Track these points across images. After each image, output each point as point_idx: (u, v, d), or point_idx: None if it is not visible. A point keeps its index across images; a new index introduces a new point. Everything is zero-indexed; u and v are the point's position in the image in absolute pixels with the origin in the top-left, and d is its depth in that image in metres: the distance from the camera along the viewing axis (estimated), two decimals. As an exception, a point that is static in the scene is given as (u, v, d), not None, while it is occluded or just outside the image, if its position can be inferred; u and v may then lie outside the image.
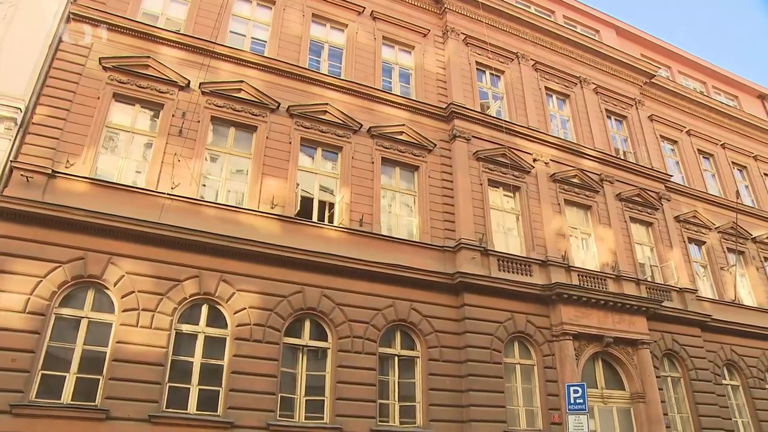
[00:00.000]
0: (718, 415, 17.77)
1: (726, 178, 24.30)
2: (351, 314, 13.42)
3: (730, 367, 19.75)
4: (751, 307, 21.36)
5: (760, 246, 23.24)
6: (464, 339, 14.27)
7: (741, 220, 22.90)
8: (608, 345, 16.19)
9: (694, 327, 18.66)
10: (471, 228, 15.52)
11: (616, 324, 16.38)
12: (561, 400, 14.20)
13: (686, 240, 21.02)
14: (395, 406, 13.48)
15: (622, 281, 17.40)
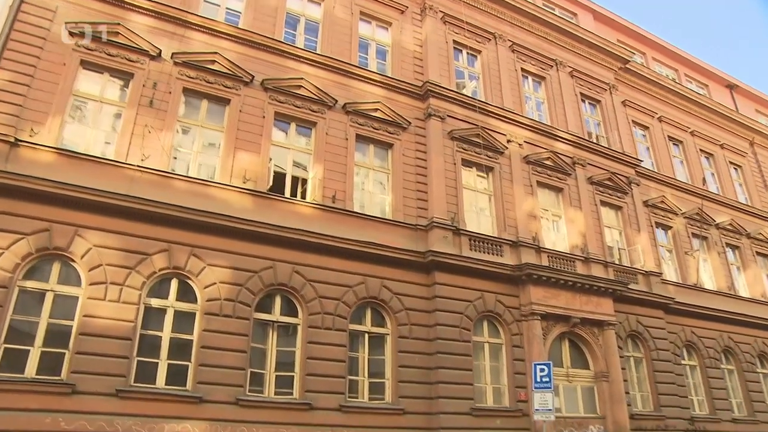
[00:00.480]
0: (676, 393, 18.39)
1: (693, 165, 24.78)
2: (322, 290, 13.43)
3: (690, 348, 20.37)
4: (712, 290, 21.99)
5: (723, 232, 23.85)
6: (434, 317, 14.41)
7: (706, 207, 23.46)
8: (575, 325, 16.52)
9: (658, 309, 19.16)
10: (443, 207, 15.58)
11: (584, 305, 16.71)
12: (527, 378, 14.49)
13: (653, 224, 21.45)
14: (365, 382, 13.60)
15: (591, 263, 17.71)
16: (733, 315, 21.65)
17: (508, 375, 15.17)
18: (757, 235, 25.12)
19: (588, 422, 16.25)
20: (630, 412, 16.68)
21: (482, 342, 15.31)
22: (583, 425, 16.12)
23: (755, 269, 24.54)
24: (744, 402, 20.96)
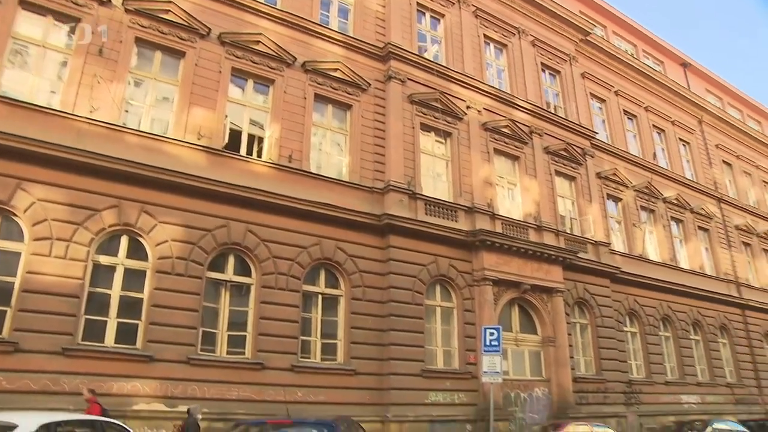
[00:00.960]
0: (617, 358, 19.22)
1: (645, 140, 25.41)
2: (276, 251, 13.35)
3: (632, 315, 21.25)
4: (655, 262, 22.87)
5: (669, 206, 24.70)
6: (388, 280, 14.54)
7: (655, 181, 24.22)
8: (525, 291, 16.95)
9: (605, 278, 19.82)
10: (400, 171, 15.58)
11: (535, 272, 17.12)
12: (477, 342, 14.83)
13: (605, 196, 22.02)
14: (317, 343, 13.70)
15: (543, 231, 18.10)
16: (673, 285, 22.64)
17: (459, 338, 15.52)
18: (699, 210, 26.14)
19: (534, 384, 16.84)
20: (573, 375, 17.37)
21: (434, 305, 15.57)
22: (528, 387, 16.71)
23: (696, 242, 25.59)
24: (677, 366, 22.13)
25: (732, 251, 27.50)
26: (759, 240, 29.78)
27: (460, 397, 14.92)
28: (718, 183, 28.67)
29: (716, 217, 27.29)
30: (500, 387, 14.92)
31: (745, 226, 28.93)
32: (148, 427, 10.88)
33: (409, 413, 13.85)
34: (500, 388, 14.98)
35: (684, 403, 21.37)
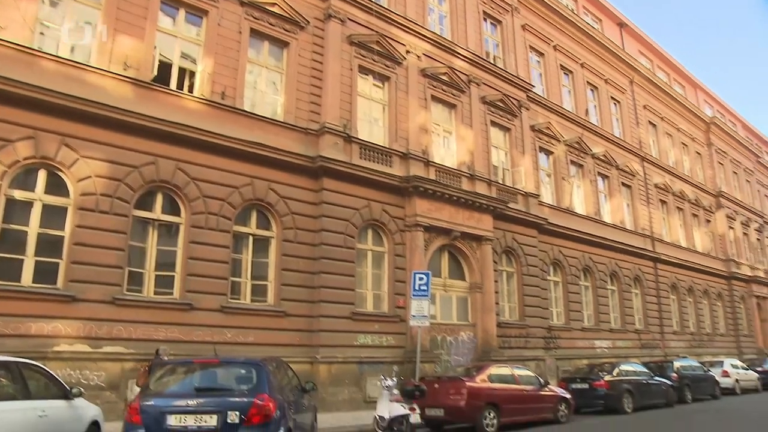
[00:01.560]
0: (539, 305, 20.12)
1: (579, 96, 25.99)
2: (207, 190, 13.00)
3: (556, 265, 22.17)
4: (581, 215, 23.82)
5: (597, 162, 25.59)
6: (320, 223, 14.49)
7: (585, 137, 24.93)
8: (455, 239, 17.32)
9: (532, 228, 20.48)
10: (336, 113, 15.34)
11: (465, 220, 17.47)
12: (407, 287, 15.10)
13: (537, 148, 22.52)
14: (247, 284, 13.60)
15: (476, 180, 18.39)
16: (596, 238, 23.72)
17: (389, 282, 15.77)
18: (624, 168, 27.25)
19: (460, 329, 17.43)
20: (498, 321, 18.09)
21: (366, 250, 15.70)
22: (455, 331, 17.28)
23: (619, 198, 26.78)
24: (593, 314, 23.43)
25: (650, 208, 29.00)
26: (674, 198, 31.49)
27: (388, 339, 15.28)
28: (643, 142, 29.88)
29: (639, 174, 28.56)
30: (427, 330, 15.37)
31: (663, 184, 30.47)
32: (71, 368, 10.58)
33: (338, 355, 14.09)
34: (427, 331, 15.42)
35: (597, 348, 22.76)
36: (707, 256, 33.35)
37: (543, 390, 13.14)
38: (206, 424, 6.30)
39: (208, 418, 6.34)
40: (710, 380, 19.97)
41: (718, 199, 35.78)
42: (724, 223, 35.77)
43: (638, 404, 15.38)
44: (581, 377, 15.89)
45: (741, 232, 37.75)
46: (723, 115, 41.30)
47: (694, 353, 26.80)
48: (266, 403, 6.50)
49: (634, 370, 16.56)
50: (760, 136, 48.56)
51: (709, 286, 32.71)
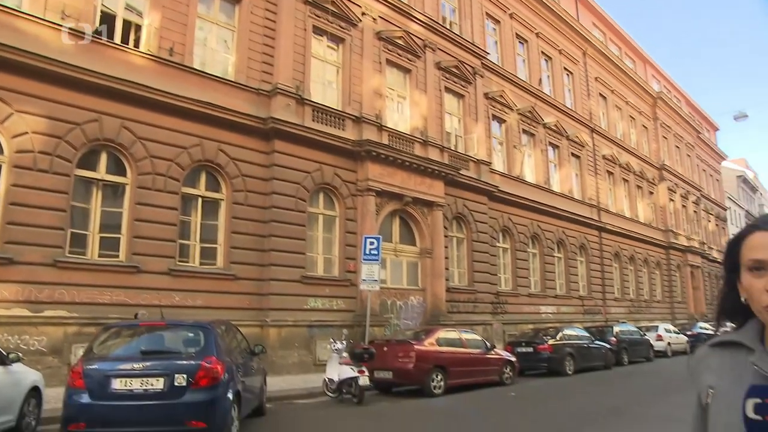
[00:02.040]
0: (488, 271, 20.52)
1: (533, 65, 26.17)
2: (154, 150, 12.56)
3: (505, 232, 22.58)
4: (531, 183, 24.23)
5: (548, 132, 25.98)
6: (271, 185, 14.27)
7: (538, 106, 25.21)
8: (407, 204, 17.38)
9: (483, 195, 20.74)
10: (289, 74, 14.99)
11: (417, 185, 17.53)
12: (358, 251, 15.12)
13: (490, 116, 22.66)
14: (196, 247, 13.34)
15: (429, 146, 18.41)
16: (545, 206, 24.23)
17: (340, 246, 15.76)
18: (574, 138, 27.78)
19: (409, 293, 17.64)
20: (447, 286, 18.37)
21: (317, 213, 15.60)
22: (405, 296, 17.48)
23: (568, 168, 27.35)
24: (540, 280, 24.09)
25: (597, 179, 29.77)
26: (620, 170, 32.42)
27: (338, 303, 15.33)
28: (593, 114, 30.48)
29: (588, 145, 29.20)
30: (378, 294, 15.48)
31: (611, 156, 31.27)
32: (9, 333, 10.19)
33: (288, 318, 14.07)
34: (377, 295, 15.54)
35: (542, 313, 23.48)
36: (648, 226, 34.63)
37: (489, 353, 13.48)
38: (153, 388, 6.19)
39: (155, 381, 6.23)
40: (645, 344, 20.98)
41: (661, 171, 37.03)
42: (666, 195, 37.13)
43: (579, 366, 16.02)
44: (526, 341, 16.41)
45: (680, 204, 39.30)
46: (669, 91, 42.45)
47: (632, 318, 28.03)
48: (214, 366, 6.43)
49: (577, 335, 17.20)
50: (702, 113, 50.28)
51: (649, 255, 34.07)
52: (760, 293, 1.06)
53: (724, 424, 1.09)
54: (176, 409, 6.10)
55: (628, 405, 10.04)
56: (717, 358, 1.19)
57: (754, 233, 1.11)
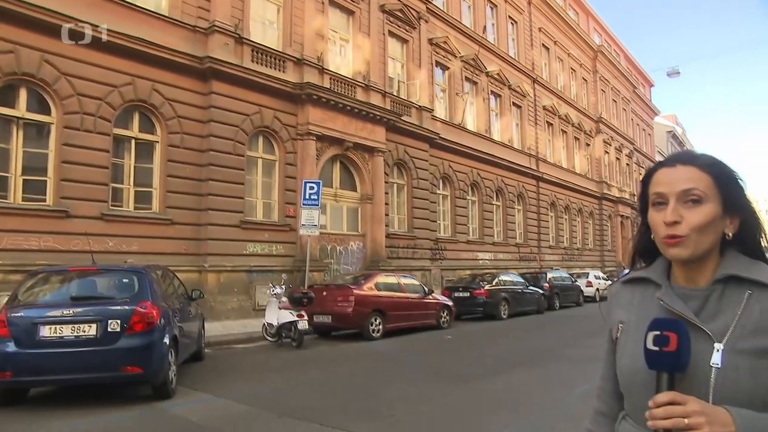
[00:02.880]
0: (428, 218, 20.82)
1: (479, 13, 25.95)
2: (81, 88, 11.85)
3: (445, 179, 22.85)
4: (471, 131, 24.44)
5: (491, 80, 26.07)
6: (208, 128, 13.82)
7: (481, 54, 25.15)
8: (348, 149, 17.24)
9: (424, 142, 20.80)
10: (227, 11, 14.31)
11: (359, 131, 17.37)
12: (297, 196, 14.97)
13: (434, 63, 22.49)
14: (130, 191, 12.88)
15: (371, 91, 18.16)
16: (485, 155, 24.55)
17: (279, 191, 15.57)
18: (516, 88, 28.01)
19: (350, 239, 17.74)
20: (387, 231, 18.55)
21: (256, 157, 15.28)
22: (345, 241, 17.57)
23: (509, 117, 27.69)
24: (478, 227, 24.67)
25: (537, 129, 30.31)
26: (560, 121, 33.08)
27: (278, 248, 15.27)
28: (536, 65, 30.72)
29: (529, 96, 29.55)
30: (317, 240, 15.51)
31: (551, 107, 31.80)
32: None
33: (226, 263, 13.93)
34: (317, 240, 15.56)
35: (480, 259, 24.15)
36: (584, 177, 35.77)
37: (427, 298, 13.82)
38: (85, 334, 6.03)
39: (87, 327, 6.07)
40: (576, 289, 22.03)
41: (598, 124, 38.04)
42: (601, 147, 38.29)
43: (513, 311, 16.69)
44: (463, 286, 16.91)
45: (614, 157, 40.67)
46: (609, 45, 43.16)
47: (565, 266, 29.25)
48: (149, 311, 6.33)
49: (512, 280, 17.84)
50: (638, 68, 51.55)
51: (583, 205, 35.33)
52: (660, 226, 1.10)
53: (628, 355, 1.14)
54: (110, 355, 5.99)
55: (559, 347, 10.57)
56: (628, 294, 1.23)
57: (660, 170, 1.15)
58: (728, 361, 1.01)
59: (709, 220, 1.07)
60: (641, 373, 1.07)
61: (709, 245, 1.09)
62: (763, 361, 1.00)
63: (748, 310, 1.04)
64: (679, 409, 0.96)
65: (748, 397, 0.99)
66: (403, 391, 6.76)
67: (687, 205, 1.07)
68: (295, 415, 5.58)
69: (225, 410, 5.94)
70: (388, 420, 5.48)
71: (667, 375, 1.01)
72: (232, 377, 7.67)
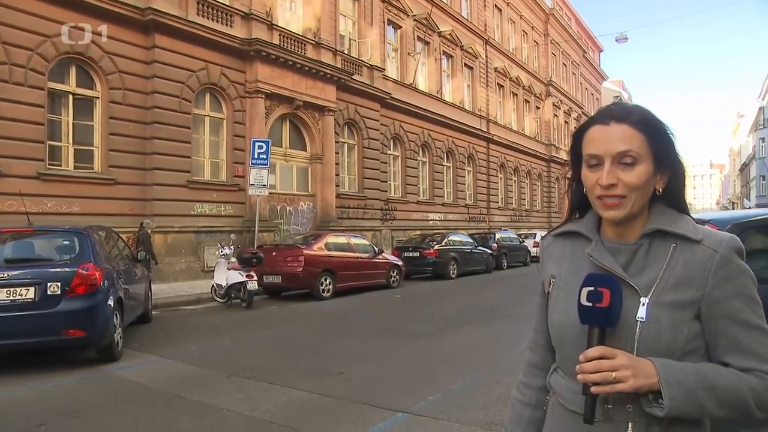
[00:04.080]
0: (378, 178, 20.84)
1: (431, -30, 25.53)
2: (9, 36, 11.14)
3: (396, 140, 22.84)
4: (423, 92, 24.37)
5: (443, 40, 25.91)
6: (152, 84, 13.30)
7: (434, 13, 24.90)
8: (298, 108, 16.95)
9: (375, 102, 20.65)
10: (171, -39, 13.65)
11: (309, 89, 17.07)
12: (246, 155, 14.71)
13: (386, 21, 22.16)
14: (69, 149, 12.34)
15: (321, 49, 17.79)
16: (436, 116, 24.59)
17: (228, 150, 15.25)
18: (468, 49, 27.95)
19: (300, 199, 17.61)
20: (337, 192, 18.50)
21: (203, 115, 14.86)
22: (294, 201, 17.44)
23: (460, 78, 27.69)
24: (428, 188, 24.87)
25: (488, 91, 30.46)
26: (511, 83, 33.32)
27: (226, 208, 15.03)
28: (488, 26, 30.66)
29: (481, 57, 29.56)
30: (267, 200, 15.34)
31: (502, 69, 31.94)
32: None
33: (174, 224, 13.65)
34: (267, 200, 15.40)
35: (430, 220, 24.44)
36: (533, 140, 36.36)
37: (377, 258, 13.92)
38: (22, 298, 5.81)
39: (24, 290, 5.84)
40: (524, 250, 22.57)
41: (548, 87, 38.51)
42: (551, 110, 38.90)
43: (462, 270, 17.01)
44: (413, 246, 17.10)
45: (563, 120, 41.43)
46: (561, 8, 43.39)
47: (513, 226, 29.91)
48: (91, 272, 6.13)
49: (461, 241, 18.13)
50: (589, 33, 52.15)
51: (532, 167, 36.01)
52: (593, 186, 1.10)
53: (560, 310, 1.16)
54: (51, 318, 5.80)
55: (505, 305, 10.85)
56: (559, 247, 1.25)
57: (593, 126, 1.13)
58: (651, 314, 1.05)
59: (644, 181, 1.08)
60: (573, 327, 1.10)
61: (642, 203, 1.11)
62: (684, 313, 1.05)
63: (672, 263, 1.07)
64: (608, 363, 1.00)
65: (669, 349, 1.03)
66: (352, 350, 6.86)
67: (622, 167, 1.08)
68: (244, 375, 5.59)
69: (173, 371, 5.90)
70: (338, 378, 5.55)
71: (599, 330, 1.04)
72: (180, 339, 7.60)
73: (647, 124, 1.10)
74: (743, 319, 1.05)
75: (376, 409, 4.53)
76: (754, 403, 1.02)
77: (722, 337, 1.06)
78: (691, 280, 1.06)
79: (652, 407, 1.01)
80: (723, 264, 1.05)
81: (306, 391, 5.04)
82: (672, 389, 0.98)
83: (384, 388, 5.18)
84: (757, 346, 1.04)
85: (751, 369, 1.03)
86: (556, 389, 1.19)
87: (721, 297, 1.05)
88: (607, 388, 0.99)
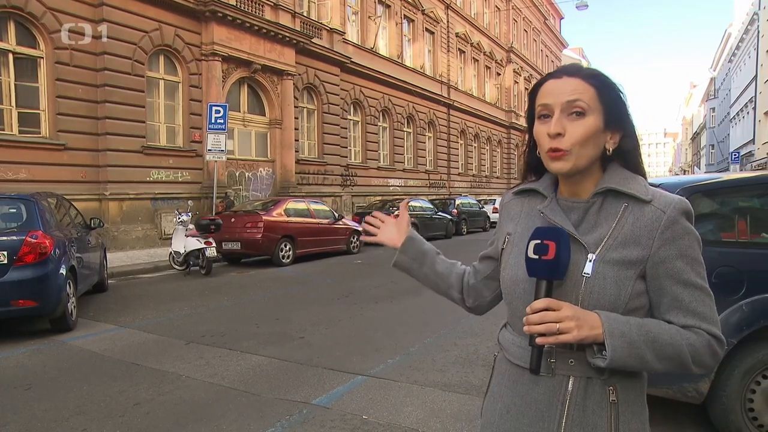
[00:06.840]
0: (339, 144, 20.68)
1: (392, -70, 25.01)
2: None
3: (356, 105, 22.64)
4: (383, 56, 24.11)
5: (404, 4, 25.58)
6: (102, 45, 12.77)
7: (395, -25, 24.50)
8: (256, 71, 16.57)
9: (335, 66, 20.33)
10: None
11: (267, 52, 16.68)
12: (203, 120, 14.39)
13: (345, -17, 21.69)
14: (12, 112, 11.82)
15: (280, 11, 17.34)
16: (397, 81, 24.41)
17: (184, 115, 14.86)
18: (429, 13, 27.70)
19: (259, 165, 17.36)
20: (297, 157, 18.30)
21: (157, 78, 14.39)
22: (254, 167, 17.19)
23: (421, 43, 27.46)
24: (389, 154, 24.83)
25: (449, 56, 30.32)
26: (472, 49, 33.22)
27: (183, 175, 14.73)
28: (449, -11, 30.33)
29: (442, 22, 29.32)
30: (225, 165, 15.11)
31: (463, 34, 31.79)
32: None
33: (129, 191, 13.33)
34: (225, 166, 15.16)
35: (391, 186, 24.46)
36: (494, 106, 36.51)
37: (337, 224, 13.90)
38: (-35, 268, 5.62)
39: (-33, 260, 5.65)
40: (483, 215, 22.87)
41: (509, 54, 38.56)
42: (511, 77, 39.01)
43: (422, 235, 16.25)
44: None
45: (523, 87, 41.61)
46: (522, -28, 43.21)
47: (473, 192, 30.22)
48: (41, 240, 5.94)
49: (421, 206, 18.22)
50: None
51: (492, 133, 36.24)
52: (544, 139, 1.11)
53: (511, 265, 1.18)
54: (-1, 289, 5.64)
55: (463, 268, 11.00)
56: (517, 205, 1.27)
57: (547, 81, 1.15)
58: (597, 270, 1.07)
59: (591, 133, 1.09)
60: (522, 281, 1.13)
61: (589, 159, 1.11)
62: (628, 271, 1.07)
63: (621, 222, 1.10)
64: (553, 314, 1.02)
65: (612, 305, 1.06)
66: (312, 315, 6.88)
67: (571, 118, 1.09)
68: (203, 341, 5.56)
69: (129, 339, 5.82)
70: (297, 342, 5.57)
71: (546, 282, 1.06)
72: (137, 307, 7.48)
73: (598, 78, 1.12)
74: (686, 279, 1.08)
75: (335, 372, 4.58)
76: (691, 357, 1.06)
77: (665, 296, 1.09)
78: (638, 239, 1.08)
79: (595, 358, 1.05)
80: (670, 225, 1.08)
81: (266, 356, 5.05)
82: (615, 341, 1.01)
83: (344, 352, 5.23)
84: (698, 304, 1.08)
85: (691, 326, 1.07)
86: (503, 345, 1.23)
87: (666, 257, 1.08)
88: (551, 339, 1.02)
